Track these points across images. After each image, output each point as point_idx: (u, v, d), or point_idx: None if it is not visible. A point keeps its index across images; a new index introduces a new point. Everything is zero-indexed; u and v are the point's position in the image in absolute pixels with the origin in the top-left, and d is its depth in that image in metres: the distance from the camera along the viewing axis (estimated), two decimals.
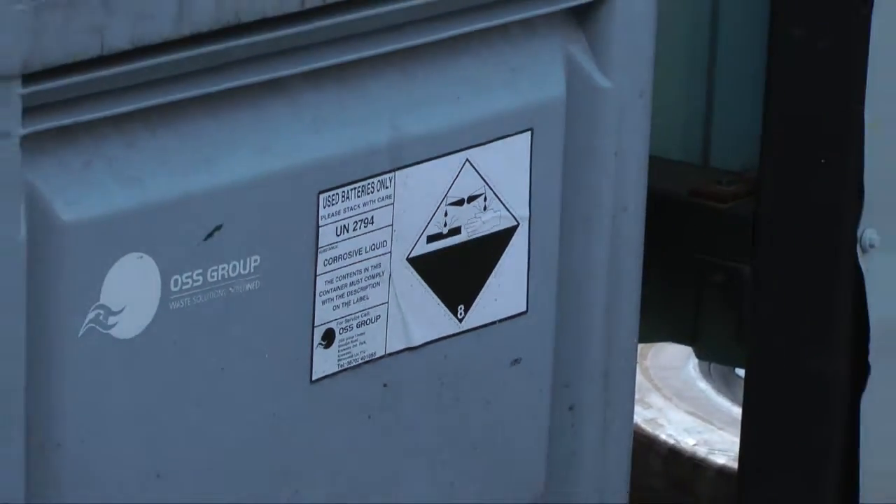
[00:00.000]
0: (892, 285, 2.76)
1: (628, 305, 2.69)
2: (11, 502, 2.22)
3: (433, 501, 2.56)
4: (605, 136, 2.60)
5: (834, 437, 2.77)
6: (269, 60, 2.33)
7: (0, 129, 2.10)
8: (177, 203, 2.28)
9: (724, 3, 2.84)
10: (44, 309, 2.20)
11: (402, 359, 2.49)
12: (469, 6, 2.47)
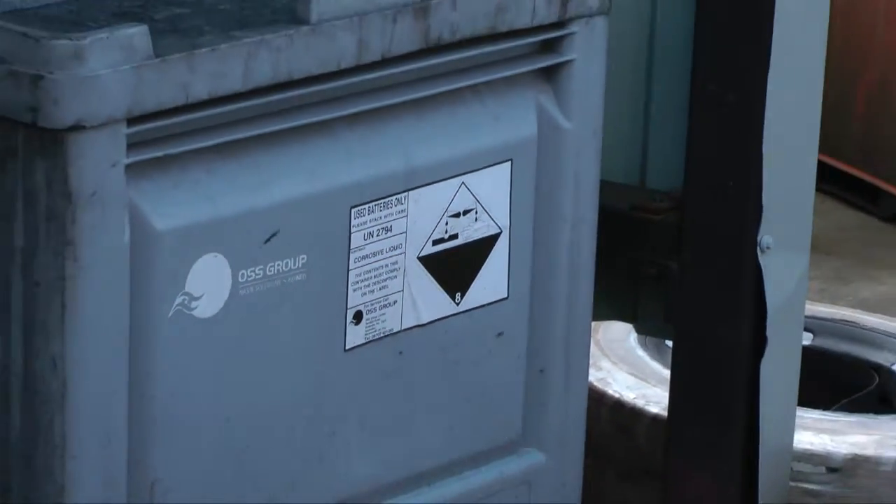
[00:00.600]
0: (782, 277, 2.75)
1: (584, 293, 2.68)
2: (115, 435, 2.20)
3: (437, 440, 2.55)
4: (566, 165, 2.58)
5: (740, 391, 2.76)
6: (313, 107, 2.33)
7: (111, 160, 2.11)
8: (243, 215, 2.28)
9: (657, 64, 2.82)
10: (142, 295, 2.20)
11: (413, 333, 2.50)
12: (464, 67, 2.47)
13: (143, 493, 2.26)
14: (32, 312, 2.17)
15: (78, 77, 2.08)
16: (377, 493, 2.52)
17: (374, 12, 2.34)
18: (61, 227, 2.13)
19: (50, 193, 2.12)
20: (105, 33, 2.10)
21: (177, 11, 2.29)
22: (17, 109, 2.10)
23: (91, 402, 2.19)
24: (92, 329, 2.17)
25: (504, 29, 2.49)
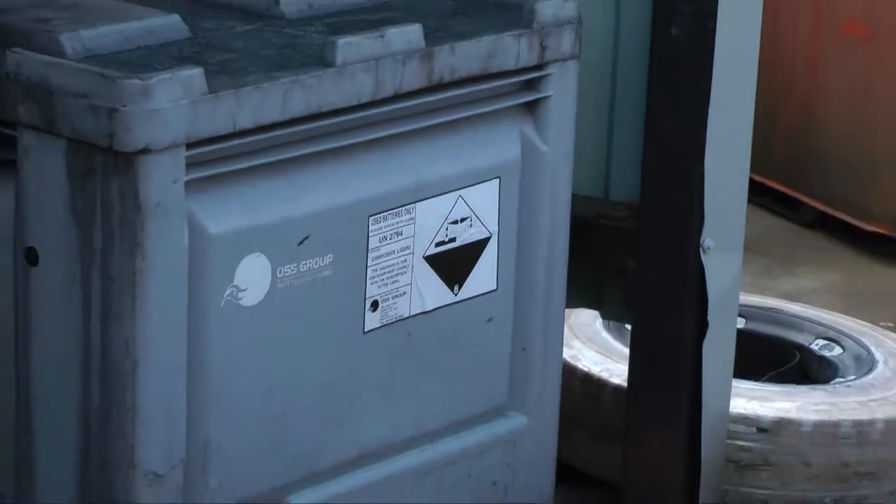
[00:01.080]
0: (720, 273, 2.73)
1: (559, 285, 2.67)
2: (176, 403, 2.21)
3: (438, 406, 2.54)
4: (544, 181, 2.57)
5: (686, 366, 2.75)
6: (337, 134, 2.32)
7: (172, 177, 2.11)
8: (281, 222, 2.27)
9: (619, 100, 2.81)
10: (198, 288, 2.20)
11: (419, 318, 2.48)
12: (461, 101, 2.46)
13: (198, 451, 2.26)
14: (108, 303, 2.16)
15: (146, 110, 2.08)
16: (389, 449, 2.50)
17: (387, 57, 2.33)
18: (132, 232, 2.13)
19: (123, 205, 2.12)
20: (168, 74, 2.11)
21: (227, 56, 2.29)
22: (97, 136, 2.10)
23: (156, 376, 2.19)
24: (157, 316, 2.17)
25: (494, 70, 2.48)
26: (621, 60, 2.81)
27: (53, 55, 2.17)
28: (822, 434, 2.91)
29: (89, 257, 2.16)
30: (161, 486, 2.22)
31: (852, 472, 2.93)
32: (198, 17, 2.42)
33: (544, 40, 2.53)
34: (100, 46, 2.23)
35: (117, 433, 2.20)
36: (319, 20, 2.47)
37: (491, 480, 2.63)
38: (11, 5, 2.36)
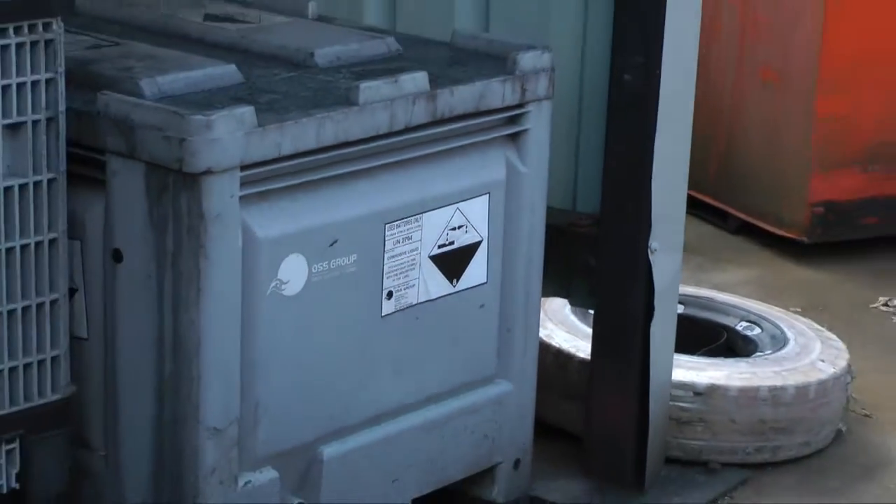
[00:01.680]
0: (664, 269, 2.71)
1: (536, 279, 2.65)
2: (231, 372, 2.20)
3: (440, 375, 2.53)
4: (524, 197, 2.56)
5: (637, 343, 2.73)
6: (360, 159, 2.32)
7: (229, 193, 2.12)
8: (316, 228, 2.27)
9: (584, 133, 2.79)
10: (249, 280, 2.20)
11: (425, 305, 2.47)
12: (458, 133, 2.45)
13: (249, 411, 2.26)
14: (178, 293, 2.17)
15: (208, 140, 2.08)
16: (400, 409, 2.49)
17: (400, 98, 2.33)
18: (197, 237, 2.13)
19: (190, 215, 2.12)
20: (226, 111, 2.11)
21: (273, 97, 2.29)
22: (169, 161, 2.10)
23: (216, 350, 2.19)
24: (217, 303, 2.17)
25: (484, 109, 2.47)
26: (586, 100, 2.80)
27: (135, 96, 2.18)
28: (745, 397, 2.90)
29: (163, 256, 2.17)
30: (220, 438, 2.22)
31: (768, 428, 2.93)
32: (249, 65, 2.42)
33: (524, 85, 2.52)
34: (172, 89, 2.23)
35: (185, 397, 2.20)
36: (346, 68, 2.46)
37: (482, 434, 2.62)
38: (100, 57, 2.36)
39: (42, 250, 2.11)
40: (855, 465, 2.98)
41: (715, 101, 4.01)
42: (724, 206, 4.17)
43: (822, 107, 3.87)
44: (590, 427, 2.85)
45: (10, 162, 2.04)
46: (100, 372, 2.27)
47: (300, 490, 2.36)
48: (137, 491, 2.27)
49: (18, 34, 2.00)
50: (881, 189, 3.98)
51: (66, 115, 2.10)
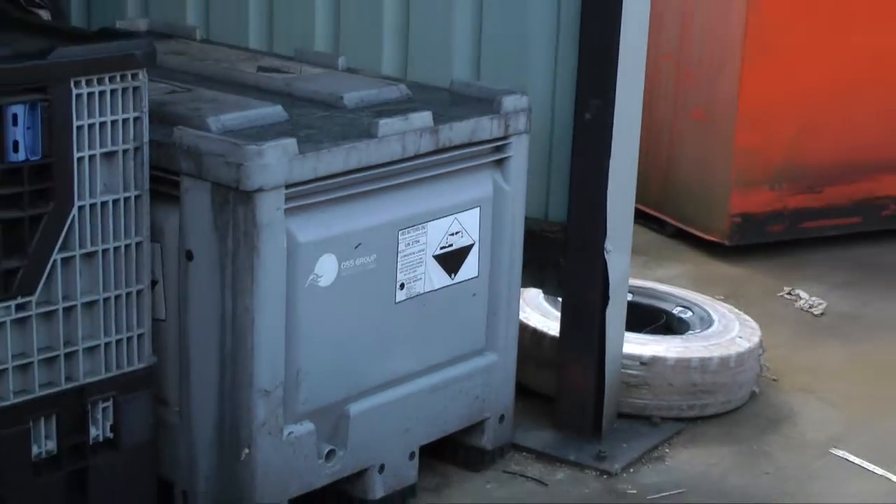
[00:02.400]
0: (617, 266, 2.69)
1: (516, 273, 2.63)
2: (278, 346, 2.18)
3: (442, 349, 2.51)
4: (507, 209, 2.55)
5: (595, 324, 2.71)
6: (378, 179, 2.30)
7: (276, 206, 2.11)
8: (344, 234, 2.27)
9: (555, 158, 2.76)
10: (292, 275, 2.19)
11: (430, 294, 2.45)
12: (456, 159, 2.44)
13: (292, 377, 2.25)
14: (236, 283, 2.16)
15: (260, 165, 2.08)
16: (410, 376, 2.48)
17: (410, 132, 2.33)
18: (251, 240, 2.12)
19: (245, 223, 2.12)
20: (274, 142, 2.11)
21: (310, 131, 2.28)
22: (229, 181, 2.10)
23: (266, 329, 2.18)
24: (266, 292, 2.17)
25: (476, 140, 2.47)
26: (556, 133, 2.78)
27: (203, 131, 2.18)
28: (680, 366, 2.89)
29: (224, 256, 2.16)
30: (269, 398, 2.22)
31: (698, 390, 2.92)
32: (292, 107, 2.41)
33: (507, 122, 2.51)
34: (232, 125, 2.23)
35: (241, 365, 2.19)
36: (368, 108, 2.46)
37: (474, 395, 2.61)
38: (176, 100, 2.36)
39: (130, 251, 2.11)
40: (764, 418, 2.97)
41: (657, 135, 4.01)
42: (663, 216, 4.17)
43: (739, 140, 3.87)
44: (559, 390, 2.84)
45: (106, 181, 2.05)
46: (175, 346, 2.26)
47: (331, 439, 2.36)
48: (204, 439, 2.26)
49: (113, 82, 2.00)
50: (785, 203, 3.98)
51: (149, 145, 2.10)
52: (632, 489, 2.62)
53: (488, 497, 2.56)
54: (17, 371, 2.00)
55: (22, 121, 1.89)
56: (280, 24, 3.06)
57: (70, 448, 2.09)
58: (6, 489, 2.01)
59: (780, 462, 2.77)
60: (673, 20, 3.98)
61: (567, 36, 2.69)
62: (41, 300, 2.01)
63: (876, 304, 3.64)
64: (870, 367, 3.24)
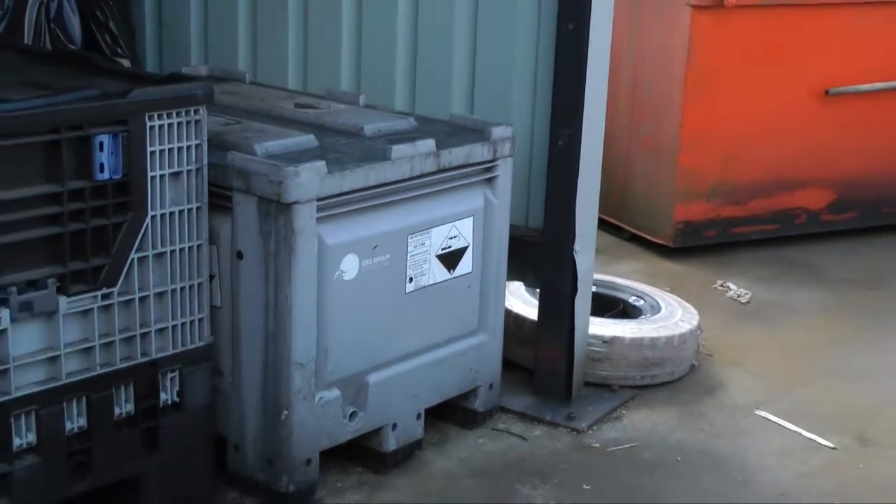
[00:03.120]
0: (583, 263, 2.66)
1: (502, 270, 2.61)
2: (311, 328, 2.17)
3: (443, 330, 2.49)
4: (495, 218, 2.53)
5: (566, 310, 2.69)
6: (390, 194, 2.29)
7: (310, 216, 2.12)
8: (364, 238, 2.26)
9: (533, 181, 2.73)
10: (323, 270, 2.18)
11: (434, 286, 2.44)
12: (454, 177, 2.42)
13: (322, 352, 2.24)
14: (277, 278, 2.15)
15: (296, 183, 2.09)
16: (417, 352, 2.47)
17: (417, 155, 2.32)
18: (289, 243, 2.12)
19: (285, 229, 2.12)
20: (308, 164, 2.12)
21: (337, 155, 2.27)
22: (272, 195, 2.10)
23: (301, 315, 2.18)
24: (302, 284, 2.16)
25: (470, 162, 2.45)
26: (534, 156, 2.76)
27: (250, 155, 2.18)
28: (634, 344, 2.88)
29: (268, 255, 2.16)
30: (303, 370, 2.21)
31: (649, 363, 2.90)
32: (322, 136, 2.40)
33: (495, 148, 2.51)
34: (274, 150, 2.22)
35: (282, 344, 2.19)
36: (383, 137, 2.45)
37: (469, 367, 2.60)
38: (229, 130, 2.35)
39: (192, 251, 2.11)
40: (701, 386, 2.96)
41: (615, 159, 4.01)
42: (620, 224, 4.17)
43: (681, 162, 3.86)
44: (537, 363, 2.83)
45: (173, 196, 2.05)
46: (228, 328, 2.26)
47: (354, 403, 2.35)
48: (251, 403, 2.26)
49: (179, 116, 2.01)
50: (718, 213, 3.98)
51: (208, 167, 2.10)
52: (595, 443, 2.62)
53: (480, 450, 2.56)
54: (102, 348, 2.01)
55: (107, 147, 1.91)
56: (312, 70, 3.06)
57: (144, 410, 2.10)
58: (94, 443, 2.03)
59: (713, 421, 2.77)
60: (628, 68, 3.99)
61: (543, 80, 2.69)
62: (121, 291, 2.01)
63: (791, 293, 3.64)
64: (786, 345, 3.24)
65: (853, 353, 3.15)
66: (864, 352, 3.16)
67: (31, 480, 1.90)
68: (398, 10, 2.85)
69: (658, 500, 2.36)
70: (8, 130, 1.77)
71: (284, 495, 2.23)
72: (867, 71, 3.89)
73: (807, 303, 3.54)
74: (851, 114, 3.95)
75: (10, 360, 1.85)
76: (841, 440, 2.64)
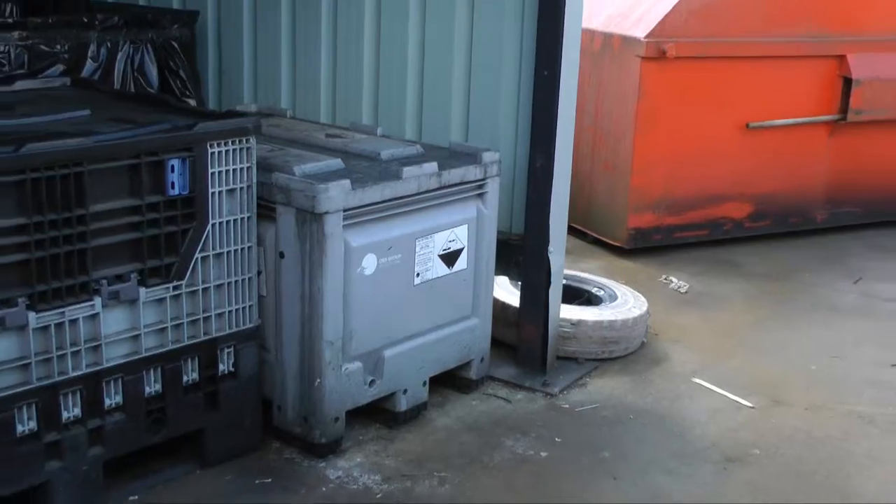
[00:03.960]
0: (556, 262, 2.65)
1: (491, 267, 2.58)
2: (338, 313, 2.14)
3: (444, 314, 2.45)
4: (485, 226, 2.51)
5: (542, 299, 2.68)
6: (400, 206, 2.27)
7: (338, 223, 2.09)
8: (381, 241, 2.23)
9: (515, 197, 2.71)
10: (347, 267, 2.16)
11: (436, 279, 2.41)
12: (452, 192, 2.40)
13: (347, 333, 2.23)
14: (311, 273, 2.14)
15: (326, 197, 2.07)
16: (423, 332, 2.45)
17: (423, 175, 2.30)
18: (321, 245, 2.11)
19: (318, 234, 2.10)
20: (335, 182, 2.10)
21: (359, 175, 2.26)
22: (307, 207, 2.09)
23: (331, 302, 2.16)
24: (330, 278, 2.14)
25: (466, 181, 2.43)
26: (517, 176, 2.74)
27: (290, 175, 2.16)
28: (596, 325, 2.86)
29: (304, 255, 2.14)
30: (332, 347, 2.20)
31: (608, 341, 2.88)
32: (347, 159, 2.38)
33: (486, 169, 2.49)
34: (309, 171, 2.21)
35: (315, 325, 2.18)
36: (396, 160, 2.43)
37: (464, 344, 2.59)
38: (273, 156, 2.33)
39: (244, 252, 2.10)
40: (649, 359, 2.95)
41: (581, 178, 3.98)
42: (585, 230, 4.14)
43: (633, 182, 3.84)
44: (519, 341, 2.82)
45: (229, 208, 2.05)
46: (272, 313, 2.24)
47: (373, 372, 2.34)
48: (291, 372, 2.24)
49: (233, 144, 2.02)
50: (661, 222, 3.96)
51: (256, 184, 2.09)
52: (565, 404, 2.61)
53: (473, 410, 2.55)
54: (172, 329, 2.02)
55: (177, 169, 1.93)
56: (340, 107, 3.06)
57: (206, 378, 2.09)
58: (167, 403, 2.03)
59: (659, 386, 2.75)
60: (591, 106, 3.97)
61: (524, 115, 2.68)
62: (188, 283, 2.02)
63: (719, 285, 3.62)
64: (716, 326, 3.22)
65: (768, 331, 3.15)
66: (776, 330, 3.16)
67: (118, 432, 1.95)
68: (408, 60, 2.86)
69: (615, 449, 2.36)
70: (101, 156, 1.83)
71: (317, 445, 2.23)
72: (779, 109, 3.91)
73: (732, 292, 3.54)
74: (766, 143, 3.96)
75: (102, 337, 1.90)
76: (758, 400, 2.64)
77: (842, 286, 3.50)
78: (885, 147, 4.07)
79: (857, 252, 3.89)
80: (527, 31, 2.60)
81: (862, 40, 3.82)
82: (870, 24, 3.84)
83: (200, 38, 3.25)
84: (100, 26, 2.76)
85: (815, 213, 4.11)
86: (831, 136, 3.98)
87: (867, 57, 3.83)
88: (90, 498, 1.88)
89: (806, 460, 2.26)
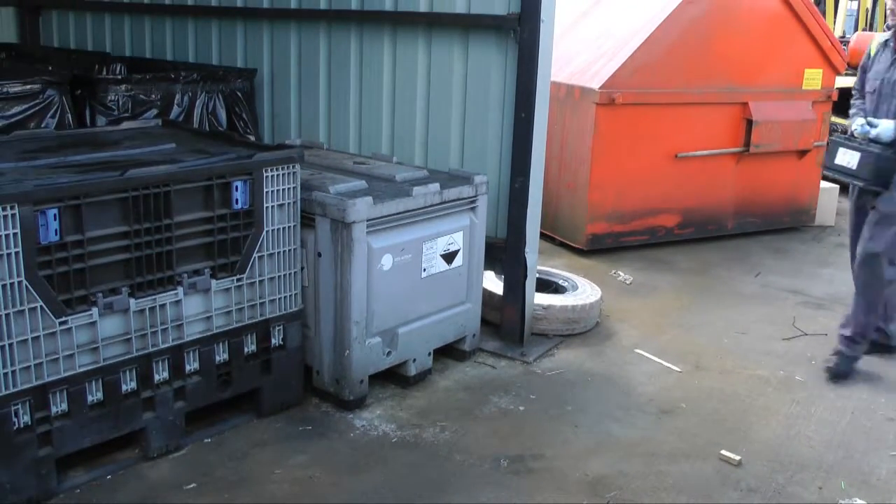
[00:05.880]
0: (530, 261, 2.66)
1: (481, 264, 2.55)
2: (363, 299, 2.13)
3: (445, 300, 2.40)
4: (476, 233, 2.49)
5: (520, 289, 2.66)
6: (409, 217, 2.25)
7: (363, 230, 2.07)
8: (396, 244, 2.21)
9: (499, 209, 2.70)
10: (370, 264, 2.13)
11: (438, 273, 2.39)
12: (451, 205, 2.38)
13: (370, 315, 2.19)
14: (342, 269, 2.13)
15: (354, 209, 2.06)
16: (428, 314, 2.42)
17: (428, 193, 2.29)
18: (350, 247, 2.10)
19: (346, 238, 2.09)
20: (361, 199, 2.10)
21: (378, 192, 2.25)
22: (339, 217, 2.08)
23: (357, 291, 2.15)
24: (357, 273, 2.13)
25: (462, 198, 2.42)
26: (501, 194, 2.72)
27: (326, 193, 2.15)
28: (562, 309, 2.85)
29: (336, 255, 2.14)
30: (358, 325, 2.18)
31: (571, 320, 2.86)
32: (370, 181, 2.37)
33: (477, 189, 2.48)
34: (340, 190, 2.20)
35: (346, 309, 2.17)
36: (408, 182, 2.42)
37: (460, 323, 2.57)
38: (313, 178, 2.32)
39: (291, 252, 2.10)
40: (602, 335, 2.94)
41: (550, 195, 3.96)
42: (553, 235, 4.12)
43: (590, 198, 3.82)
44: (502, 321, 2.79)
45: (279, 218, 2.05)
46: (312, 299, 2.23)
47: (389, 345, 2.32)
48: (327, 345, 2.23)
49: (283, 169, 2.02)
50: (612, 229, 3.95)
51: (300, 200, 2.08)
52: (538, 370, 2.60)
53: (467, 374, 2.54)
54: (236, 311, 2.03)
55: (240, 189, 1.96)
56: (364, 140, 3.05)
57: (262, 349, 2.10)
58: (232, 368, 2.04)
59: (609, 356, 2.75)
60: (557, 140, 3.96)
61: (506, 147, 2.67)
62: (248, 277, 2.03)
63: (655, 278, 3.61)
64: (653, 310, 3.21)
65: (692, 313, 3.15)
66: (698, 312, 3.17)
67: (196, 391, 1.99)
68: (417, 108, 2.87)
69: (576, 404, 2.37)
70: (183, 179, 1.87)
71: (346, 401, 2.23)
72: (700, 143, 3.95)
73: (665, 283, 3.53)
74: (690, 169, 3.99)
75: (184, 318, 1.94)
76: (684, 367, 2.64)
77: (746, 279, 3.53)
78: (776, 172, 4.19)
79: (757, 252, 3.96)
80: (508, 84, 2.57)
81: (759, 91, 3.96)
82: (765, 79, 3.98)
83: (258, 89, 3.31)
84: (183, 80, 2.90)
85: (726, 222, 4.21)
86: (738, 163, 4.07)
87: (763, 104, 3.96)
88: (175, 440, 1.96)
89: (720, 412, 2.31)
